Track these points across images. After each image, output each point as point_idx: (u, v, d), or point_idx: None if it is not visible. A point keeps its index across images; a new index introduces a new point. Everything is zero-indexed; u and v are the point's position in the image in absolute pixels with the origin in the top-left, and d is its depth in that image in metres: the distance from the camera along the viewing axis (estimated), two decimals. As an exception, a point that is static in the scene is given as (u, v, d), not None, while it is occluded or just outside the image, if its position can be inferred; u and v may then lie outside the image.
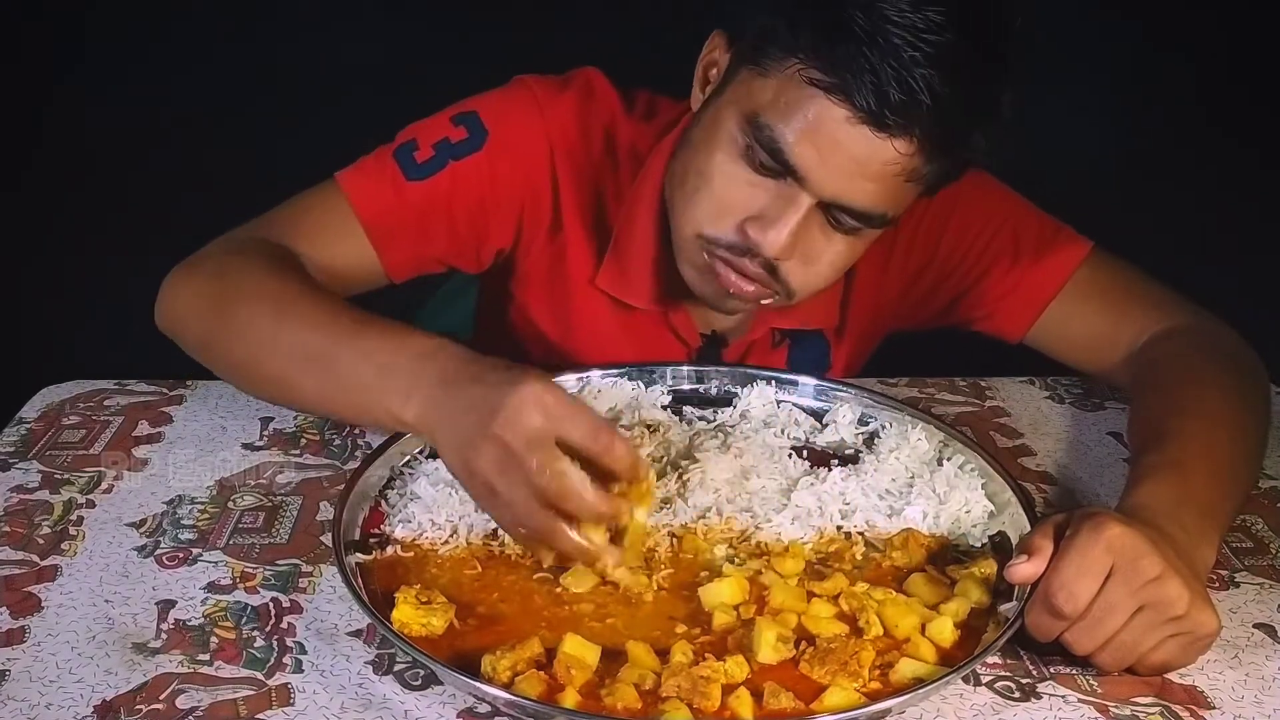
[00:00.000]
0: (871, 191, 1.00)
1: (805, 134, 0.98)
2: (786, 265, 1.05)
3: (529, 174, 1.17)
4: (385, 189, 1.13)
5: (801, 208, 1.01)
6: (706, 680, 0.76)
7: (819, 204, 1.02)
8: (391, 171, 1.13)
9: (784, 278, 1.06)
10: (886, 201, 1.02)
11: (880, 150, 0.97)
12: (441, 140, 1.14)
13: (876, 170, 0.99)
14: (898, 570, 0.92)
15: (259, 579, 0.91)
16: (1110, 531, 0.80)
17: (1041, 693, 0.82)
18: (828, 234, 1.05)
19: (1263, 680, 0.84)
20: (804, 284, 1.07)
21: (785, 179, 1.01)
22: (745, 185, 1.03)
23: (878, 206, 1.02)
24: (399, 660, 0.82)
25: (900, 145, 0.97)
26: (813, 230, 1.04)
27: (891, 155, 0.98)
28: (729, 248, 1.05)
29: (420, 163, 1.14)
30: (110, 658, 0.82)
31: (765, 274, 1.05)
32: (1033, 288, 1.20)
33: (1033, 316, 1.21)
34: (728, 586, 0.87)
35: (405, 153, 1.14)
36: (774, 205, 1.02)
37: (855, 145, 0.97)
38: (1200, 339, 1.13)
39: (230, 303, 1.04)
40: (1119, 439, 1.17)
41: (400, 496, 0.98)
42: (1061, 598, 0.79)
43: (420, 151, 1.14)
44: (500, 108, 1.17)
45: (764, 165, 1.01)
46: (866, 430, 1.12)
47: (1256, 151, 2.19)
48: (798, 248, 1.03)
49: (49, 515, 0.99)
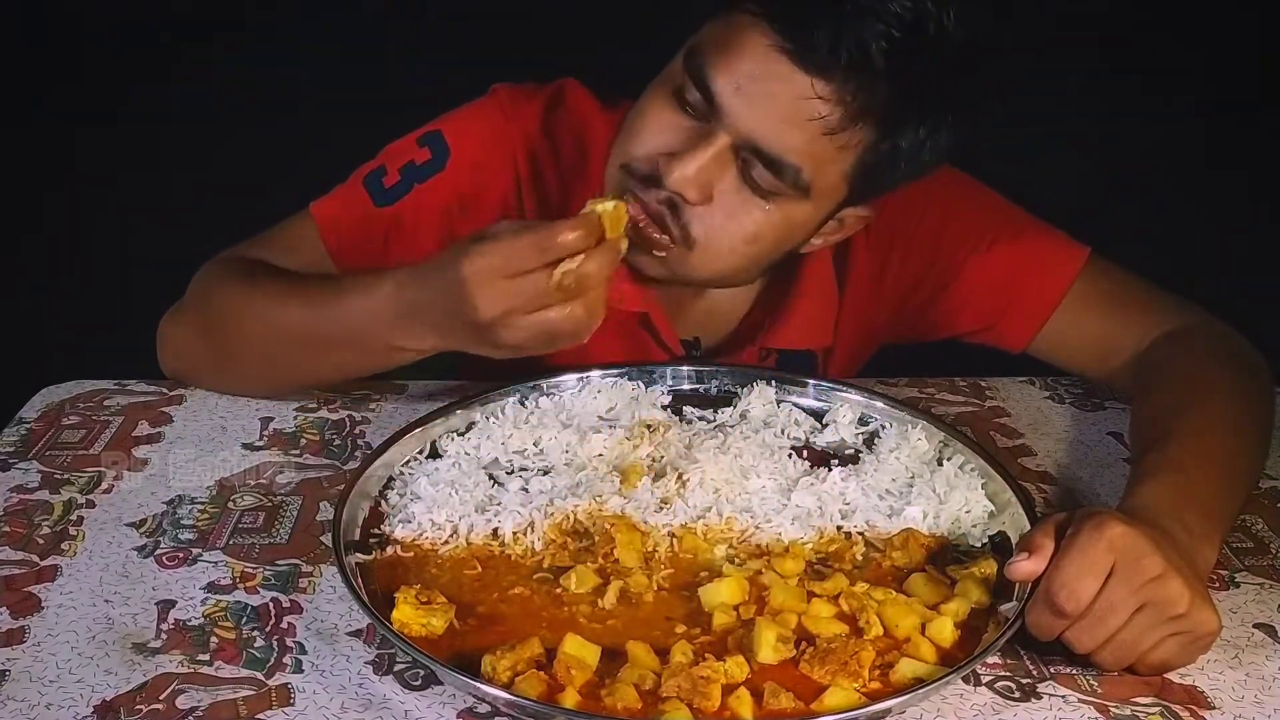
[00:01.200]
0: (785, 133, 0.99)
1: (728, 60, 1.00)
2: (690, 210, 1.04)
3: (493, 185, 1.19)
4: (354, 216, 1.18)
5: (714, 145, 1.02)
6: (706, 680, 0.76)
7: (735, 151, 1.02)
8: (361, 199, 1.18)
9: (685, 220, 1.05)
10: (801, 152, 1.00)
11: (797, 85, 0.98)
12: (407, 164, 1.18)
13: (791, 107, 0.98)
14: (898, 570, 0.92)
15: (259, 579, 0.91)
16: (1112, 530, 0.80)
17: (1042, 693, 0.82)
18: (744, 193, 1.04)
19: (1263, 680, 0.84)
20: (706, 235, 1.05)
21: (708, 120, 1.02)
22: (670, 123, 1.05)
23: (790, 155, 1.00)
24: (399, 660, 0.82)
25: (819, 86, 0.97)
26: (727, 181, 1.03)
27: (807, 91, 0.97)
28: (644, 179, 1.05)
29: (388, 188, 1.18)
30: (110, 658, 0.82)
31: (666, 211, 1.05)
32: (1033, 299, 1.20)
33: (1035, 328, 1.21)
34: (728, 587, 0.87)
35: (374, 179, 1.19)
36: (688, 141, 1.03)
37: (772, 76, 0.98)
38: (1202, 340, 1.13)
39: (221, 325, 1.15)
40: (1119, 439, 1.17)
41: (400, 496, 0.98)
42: (1063, 596, 0.79)
43: (388, 177, 1.18)
44: (464, 124, 1.20)
45: (692, 104, 1.03)
46: (866, 430, 1.12)
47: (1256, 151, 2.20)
48: (703, 189, 1.03)
49: (49, 515, 0.99)
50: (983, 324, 1.23)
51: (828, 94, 0.97)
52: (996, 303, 1.21)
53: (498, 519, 0.94)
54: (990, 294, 1.21)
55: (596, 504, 0.96)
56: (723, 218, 1.05)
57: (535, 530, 0.93)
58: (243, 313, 1.12)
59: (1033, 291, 1.20)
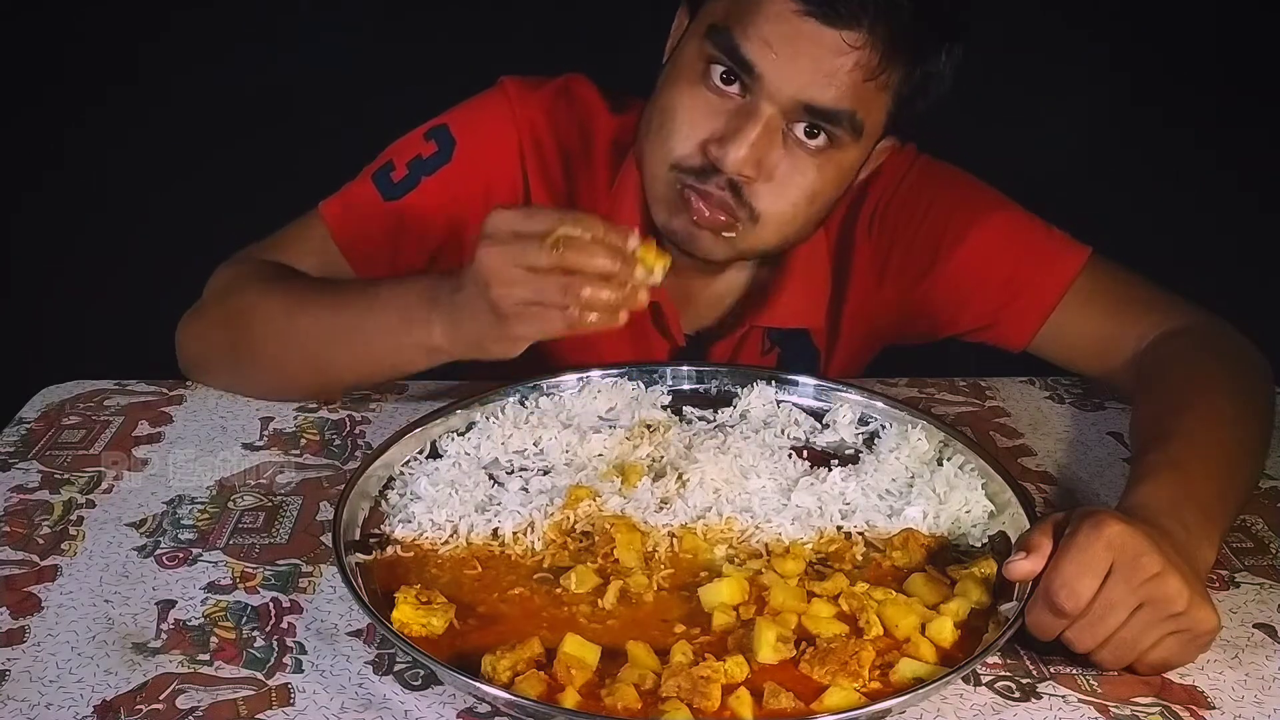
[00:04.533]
0: (831, 87, 1.02)
1: (759, 31, 1.01)
2: (751, 187, 1.06)
3: (500, 176, 1.20)
4: (364, 213, 1.19)
5: (761, 118, 1.03)
6: (706, 680, 0.76)
7: (781, 117, 1.03)
8: (370, 195, 1.19)
9: (748, 199, 1.06)
10: (848, 98, 1.03)
11: (831, 41, 1.01)
12: (414, 158, 1.19)
13: (830, 63, 1.01)
14: (898, 570, 0.92)
15: (259, 579, 0.91)
16: (1110, 529, 0.80)
17: (1041, 692, 0.82)
18: (793, 154, 1.06)
19: (1263, 680, 0.84)
20: (771, 209, 1.07)
21: (744, 96, 1.03)
22: (706, 109, 1.06)
23: (840, 103, 1.03)
24: (399, 660, 0.82)
25: (850, 37, 1.00)
26: (776, 148, 1.05)
27: (841, 45, 1.01)
28: (697, 173, 1.06)
29: (396, 182, 1.19)
30: (110, 658, 0.82)
31: (729, 196, 1.06)
32: (1034, 297, 1.20)
33: (1035, 326, 1.21)
34: (727, 587, 0.87)
35: (383, 175, 1.20)
36: (733, 121, 1.04)
37: (805, 38, 1.00)
38: (1203, 339, 1.13)
39: (241, 323, 1.14)
40: (1119, 439, 1.17)
41: (400, 496, 0.98)
42: (1062, 595, 0.79)
43: (396, 171, 1.19)
44: (470, 116, 1.21)
45: (723, 82, 1.04)
46: (866, 430, 1.12)
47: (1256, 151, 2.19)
48: (761, 165, 1.05)
49: (49, 515, 0.99)
50: (983, 322, 1.23)
51: (859, 42, 1.01)
52: (997, 301, 1.21)
53: (498, 519, 0.94)
54: (991, 292, 1.21)
55: (596, 504, 0.96)
56: (783, 185, 1.07)
57: (535, 530, 0.93)
58: (263, 312, 1.13)
59: (1034, 290, 1.20)
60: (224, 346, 1.18)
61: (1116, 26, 2.19)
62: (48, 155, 2.30)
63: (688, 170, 1.07)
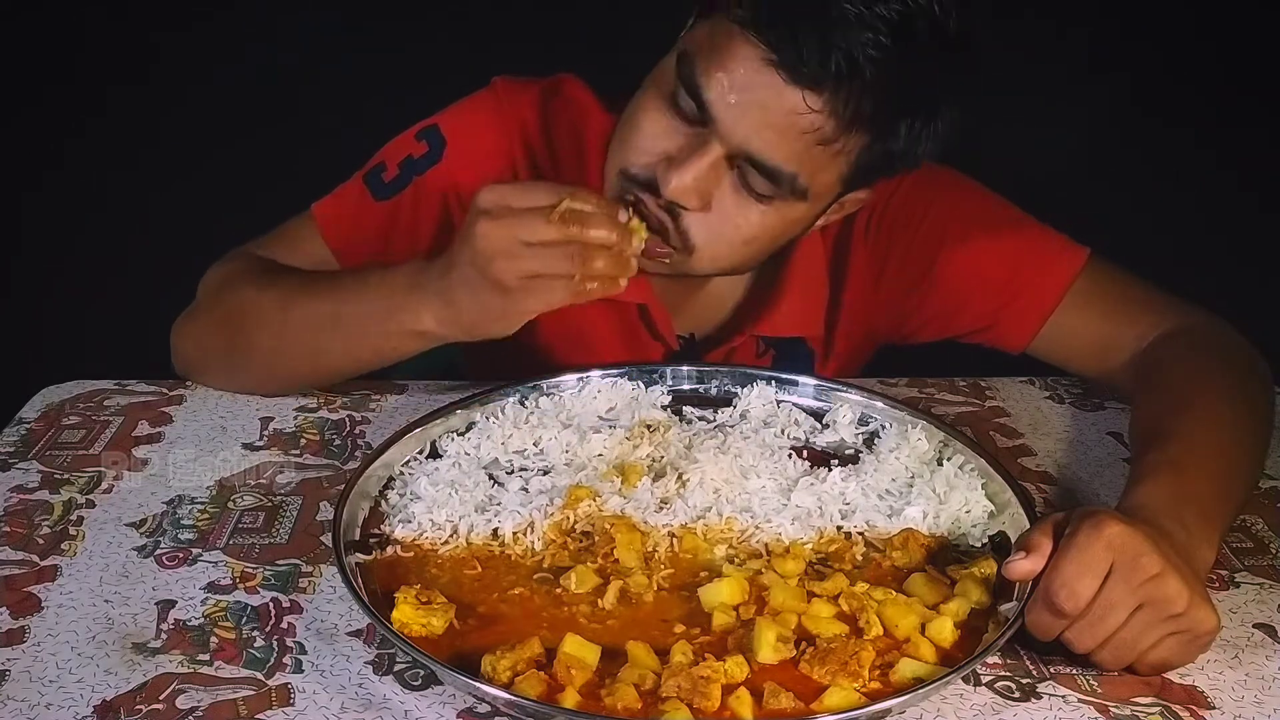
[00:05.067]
0: (779, 144, 1.00)
1: (720, 70, 1.00)
2: (690, 216, 1.05)
3: (489, 176, 1.18)
4: (353, 212, 1.20)
5: (710, 154, 1.02)
6: (706, 680, 0.76)
7: (730, 159, 1.02)
8: (361, 195, 1.20)
9: (684, 226, 1.06)
10: (795, 160, 1.01)
11: (789, 99, 0.98)
12: (405, 159, 1.20)
13: (784, 120, 0.99)
14: (898, 570, 0.92)
15: (259, 579, 0.91)
16: (1110, 529, 0.80)
17: (1041, 693, 0.82)
18: (741, 197, 1.05)
19: (1263, 680, 0.84)
20: (704, 241, 1.06)
21: (703, 125, 1.02)
22: (666, 129, 1.05)
23: (786, 164, 1.01)
24: (399, 660, 0.82)
25: (810, 99, 0.98)
26: (725, 187, 1.04)
27: (798, 106, 0.98)
28: (644, 185, 1.06)
29: (387, 183, 1.20)
30: (110, 658, 0.82)
31: (666, 217, 1.05)
32: (1033, 299, 1.20)
33: (1034, 328, 1.20)
34: (727, 587, 0.87)
35: (374, 175, 1.21)
36: (685, 148, 1.03)
37: (764, 89, 0.98)
38: (1202, 340, 1.13)
39: (237, 321, 1.15)
40: (1119, 439, 1.17)
41: (400, 496, 0.98)
42: (1062, 596, 0.79)
43: (387, 172, 1.20)
44: (461, 116, 1.21)
45: (685, 110, 1.03)
46: (866, 430, 1.12)
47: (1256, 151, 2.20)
48: (703, 197, 1.04)
49: (49, 515, 0.99)
50: (982, 324, 1.23)
51: (819, 105, 0.98)
52: (996, 303, 1.21)
53: (498, 519, 0.94)
54: (989, 295, 1.21)
55: (596, 504, 0.96)
56: (721, 222, 1.05)
57: (535, 530, 0.93)
58: (257, 308, 1.13)
59: (1032, 292, 1.20)
60: (220, 346, 1.18)
61: (1116, 26, 2.19)
62: (48, 155, 2.30)
63: (634, 180, 1.06)
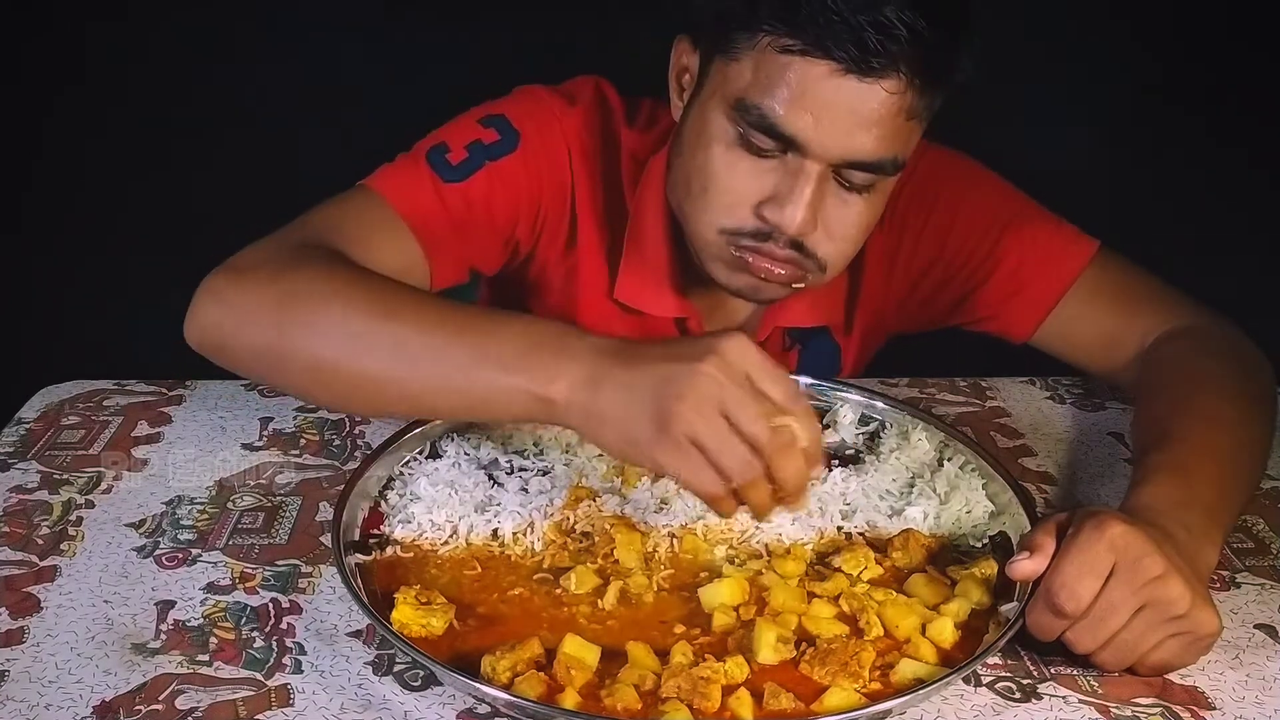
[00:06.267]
0: (875, 139, 0.99)
1: (793, 102, 0.97)
2: (813, 239, 1.03)
3: (554, 181, 1.16)
4: (426, 192, 1.09)
5: (812, 178, 1.00)
6: (706, 681, 0.76)
7: (828, 168, 1.01)
8: (428, 174, 1.10)
9: (812, 251, 1.04)
10: (892, 145, 1.00)
11: (871, 95, 0.97)
12: (474, 142, 1.12)
13: (873, 117, 0.98)
14: (898, 571, 0.92)
15: (258, 579, 0.91)
16: (1113, 530, 0.80)
17: (1042, 693, 0.82)
18: (843, 198, 1.03)
19: (1264, 681, 0.84)
20: (834, 254, 1.06)
21: (788, 154, 1.00)
22: (750, 171, 1.02)
23: (886, 153, 1.00)
24: (399, 661, 0.82)
25: (889, 85, 0.97)
26: (828, 198, 1.02)
27: (883, 98, 0.97)
28: (752, 235, 1.04)
29: (455, 164, 1.11)
30: (110, 658, 0.82)
31: (794, 253, 1.04)
32: (1040, 288, 1.20)
33: (1040, 317, 1.20)
34: (727, 587, 0.86)
35: (437, 155, 1.11)
36: (784, 183, 1.01)
37: (845, 98, 0.97)
38: (1206, 340, 1.13)
39: (302, 304, 0.93)
40: (1120, 439, 1.17)
41: (400, 497, 0.98)
42: (1063, 596, 0.79)
43: (453, 154, 1.11)
44: (524, 112, 1.15)
45: (762, 148, 1.01)
46: (867, 430, 1.12)
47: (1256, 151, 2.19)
48: (818, 219, 1.02)
49: (48, 515, 0.99)
50: (989, 312, 1.23)
51: (898, 88, 0.97)
52: (1004, 291, 1.21)
53: (497, 519, 0.94)
54: (998, 283, 1.21)
55: (596, 504, 0.96)
56: (839, 230, 1.04)
57: (535, 530, 0.93)
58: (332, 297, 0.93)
59: (1040, 281, 1.19)
60: (263, 332, 0.95)
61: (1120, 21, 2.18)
62: (50, 157, 2.30)
63: (739, 234, 1.04)
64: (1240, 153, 2.19)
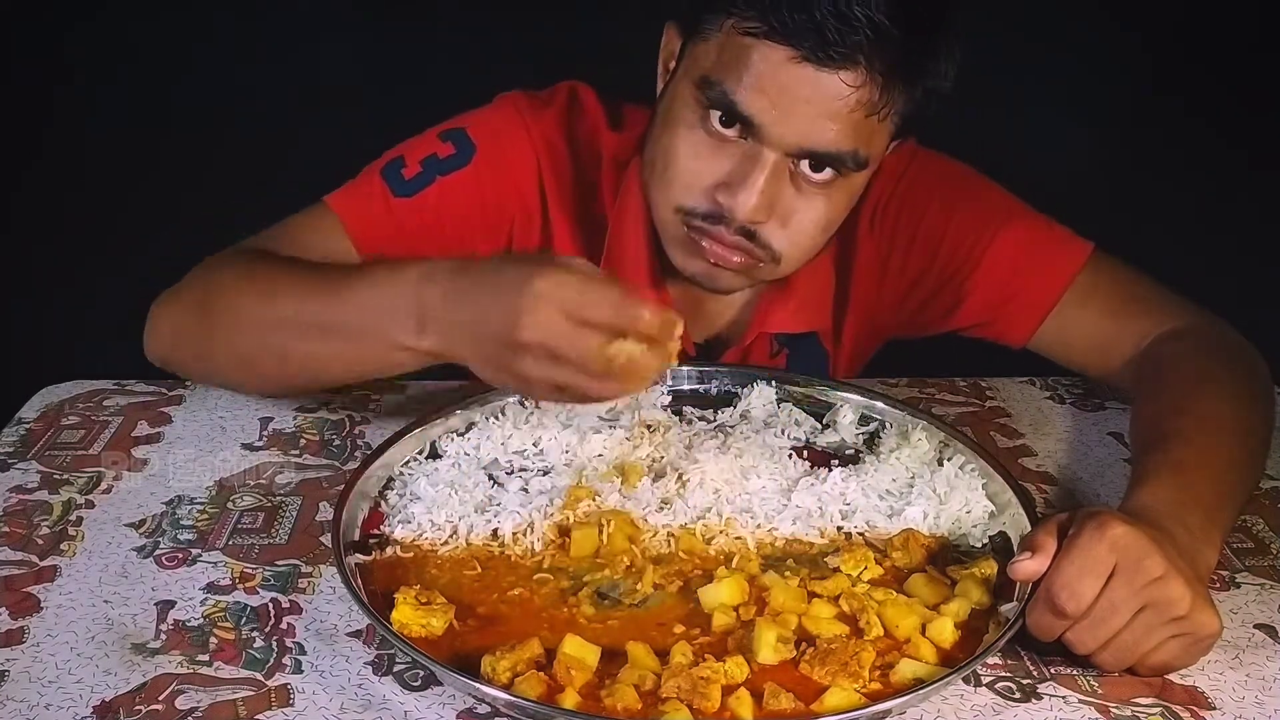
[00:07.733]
0: (833, 131, 1.00)
1: (752, 83, 0.99)
2: (765, 228, 1.05)
3: (517, 190, 1.18)
4: (375, 206, 1.15)
5: (766, 165, 1.01)
6: (706, 681, 0.76)
7: (785, 158, 1.02)
8: (380, 189, 1.15)
9: (766, 242, 1.05)
10: (853, 140, 1.01)
11: (829, 85, 0.98)
12: (429, 157, 1.16)
13: (829, 107, 0.99)
14: (898, 571, 0.92)
15: (258, 579, 0.91)
16: (1113, 531, 0.80)
17: (1042, 693, 0.82)
18: (802, 191, 1.04)
19: (1263, 681, 0.84)
20: (788, 246, 1.06)
21: (746, 139, 1.01)
22: (709, 153, 1.04)
23: (845, 146, 1.01)
24: (399, 661, 0.82)
25: (848, 77, 0.97)
26: (785, 189, 1.03)
27: (841, 89, 0.98)
28: (705, 217, 1.05)
29: (408, 179, 1.15)
30: (109, 658, 0.82)
31: (744, 240, 1.05)
32: (1035, 292, 1.20)
33: (1036, 322, 1.20)
34: (727, 587, 0.86)
35: (393, 170, 1.16)
36: (740, 168, 1.02)
37: (802, 85, 0.98)
38: (1204, 340, 1.13)
39: (214, 306, 1.06)
40: (1120, 439, 1.17)
41: (400, 497, 0.98)
42: (1064, 597, 0.79)
43: (408, 168, 1.15)
44: (487, 125, 1.18)
45: (723, 128, 1.02)
46: (867, 430, 1.12)
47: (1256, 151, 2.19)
48: (773, 209, 1.03)
49: (48, 515, 0.98)
50: (984, 318, 1.23)
51: (857, 80, 0.98)
52: (999, 296, 1.21)
53: (497, 519, 0.94)
54: (993, 288, 1.21)
55: (596, 504, 0.96)
56: (795, 221, 1.05)
57: (535, 530, 0.93)
58: (237, 292, 1.05)
59: (1035, 286, 1.19)
60: (192, 328, 1.09)
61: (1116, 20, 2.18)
62: (49, 157, 2.30)
63: (693, 214, 1.06)
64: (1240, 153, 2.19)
